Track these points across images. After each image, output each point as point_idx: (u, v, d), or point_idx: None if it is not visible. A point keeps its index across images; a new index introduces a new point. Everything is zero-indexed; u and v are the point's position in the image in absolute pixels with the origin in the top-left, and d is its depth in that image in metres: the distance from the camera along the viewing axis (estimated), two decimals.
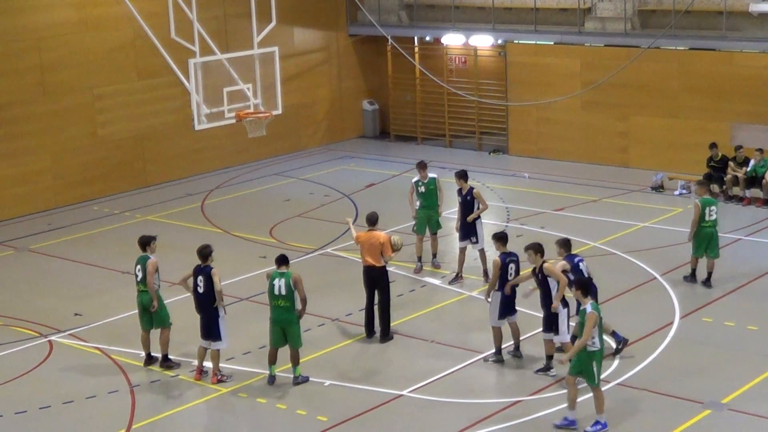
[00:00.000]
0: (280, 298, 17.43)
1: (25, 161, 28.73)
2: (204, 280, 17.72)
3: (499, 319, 18.01)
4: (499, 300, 17.93)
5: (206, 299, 17.76)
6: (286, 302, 17.42)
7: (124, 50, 30.32)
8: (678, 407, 16.46)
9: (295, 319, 17.51)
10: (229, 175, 32.15)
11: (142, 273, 18.52)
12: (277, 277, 17.49)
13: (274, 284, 17.46)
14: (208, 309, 17.77)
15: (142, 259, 18.66)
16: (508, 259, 18.05)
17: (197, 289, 17.84)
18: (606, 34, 31.56)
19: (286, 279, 17.39)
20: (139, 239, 18.92)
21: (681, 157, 29.72)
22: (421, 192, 22.64)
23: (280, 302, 17.45)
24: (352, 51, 36.29)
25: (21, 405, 17.42)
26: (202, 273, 17.80)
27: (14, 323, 21.03)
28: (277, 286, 17.42)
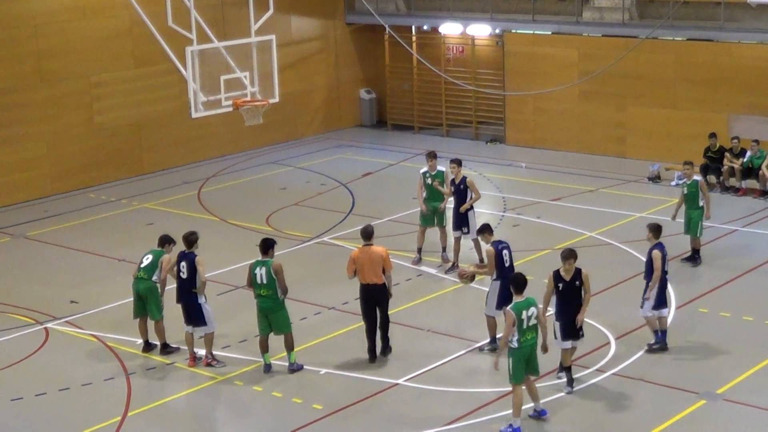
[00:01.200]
0: (262, 287, 17.43)
1: (21, 148, 28.70)
2: (187, 266, 17.75)
3: (497, 309, 18.00)
4: (498, 290, 17.91)
5: (187, 285, 17.81)
6: (268, 290, 17.42)
7: (121, 38, 30.28)
8: (673, 397, 16.49)
9: (278, 306, 17.50)
10: (226, 164, 32.13)
11: (150, 261, 18.41)
12: (259, 266, 17.44)
13: (255, 273, 17.42)
14: (189, 294, 17.83)
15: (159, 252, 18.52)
16: (501, 246, 18.00)
17: (180, 275, 17.86)
18: (604, 24, 31.54)
19: (267, 267, 17.36)
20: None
21: (678, 148, 29.70)
22: (428, 184, 22.48)
23: (262, 291, 17.46)
24: (350, 39, 36.25)
25: (17, 392, 17.44)
26: (185, 259, 17.82)
27: (10, 310, 21.02)
28: (259, 275, 17.40)
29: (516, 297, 15.54)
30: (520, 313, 15.31)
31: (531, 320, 15.42)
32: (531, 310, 15.42)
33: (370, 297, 17.70)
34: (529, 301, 15.50)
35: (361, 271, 17.57)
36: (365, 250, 17.65)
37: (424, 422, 16.00)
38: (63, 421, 16.43)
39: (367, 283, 17.61)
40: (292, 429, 15.89)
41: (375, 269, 17.54)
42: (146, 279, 18.40)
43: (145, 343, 18.73)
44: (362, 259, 17.54)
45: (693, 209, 22.12)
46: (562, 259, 16.65)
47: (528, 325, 15.37)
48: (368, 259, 17.52)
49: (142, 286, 18.45)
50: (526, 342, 15.37)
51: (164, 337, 18.57)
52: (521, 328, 15.30)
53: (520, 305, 15.40)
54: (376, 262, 17.52)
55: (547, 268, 21.68)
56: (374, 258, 17.53)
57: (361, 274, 17.59)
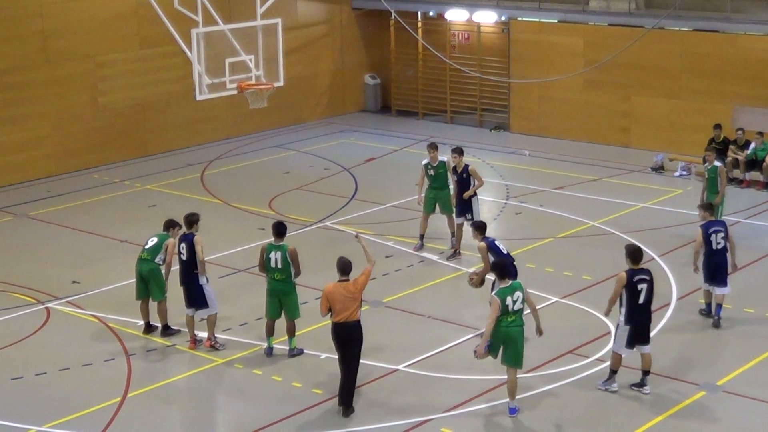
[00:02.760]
0: (276, 271, 17.35)
1: (25, 128, 28.69)
2: (187, 247, 17.71)
3: None
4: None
5: (188, 267, 17.80)
6: (282, 275, 17.37)
7: (126, 18, 30.24)
8: (673, 388, 16.50)
9: (292, 290, 17.51)
10: (230, 146, 32.12)
11: (155, 243, 18.40)
12: (273, 249, 17.36)
13: (270, 257, 17.34)
14: (190, 276, 17.82)
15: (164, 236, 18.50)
16: (490, 239, 17.99)
17: (180, 257, 17.85)
18: (610, 14, 31.48)
19: (282, 252, 17.29)
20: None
21: (682, 139, 29.70)
22: (430, 175, 22.45)
23: (276, 275, 17.39)
24: (355, 24, 36.20)
25: (17, 371, 17.46)
26: (185, 240, 17.80)
27: (12, 289, 21.05)
28: (273, 258, 17.32)
29: (501, 283, 15.58)
30: (504, 298, 15.35)
31: (516, 304, 15.41)
32: (516, 295, 15.41)
33: (345, 337, 15.69)
34: (513, 285, 15.49)
35: (335, 308, 15.59)
36: (341, 286, 15.61)
37: (423, 409, 16.01)
38: (63, 401, 16.45)
39: (342, 322, 15.60)
40: (292, 413, 15.92)
41: (350, 307, 15.59)
42: (149, 260, 18.40)
43: (146, 324, 18.76)
44: (337, 296, 15.53)
45: (712, 194, 22.09)
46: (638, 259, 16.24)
47: (513, 308, 15.39)
48: (342, 296, 15.54)
49: (145, 268, 18.45)
50: (505, 324, 15.38)
51: (165, 318, 18.60)
52: (505, 311, 15.38)
53: (505, 290, 15.42)
54: (353, 299, 15.61)
55: (548, 257, 21.83)
56: (353, 295, 15.61)
57: (334, 312, 15.61)
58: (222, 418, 16.18)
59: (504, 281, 15.56)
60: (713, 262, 18.54)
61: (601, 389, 16.36)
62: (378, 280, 21.08)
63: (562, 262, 21.76)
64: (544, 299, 19.61)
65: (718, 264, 18.58)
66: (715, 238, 18.46)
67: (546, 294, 19.89)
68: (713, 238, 18.46)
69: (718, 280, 18.63)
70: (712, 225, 18.62)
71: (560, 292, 20.15)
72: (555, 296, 19.99)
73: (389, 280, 21.13)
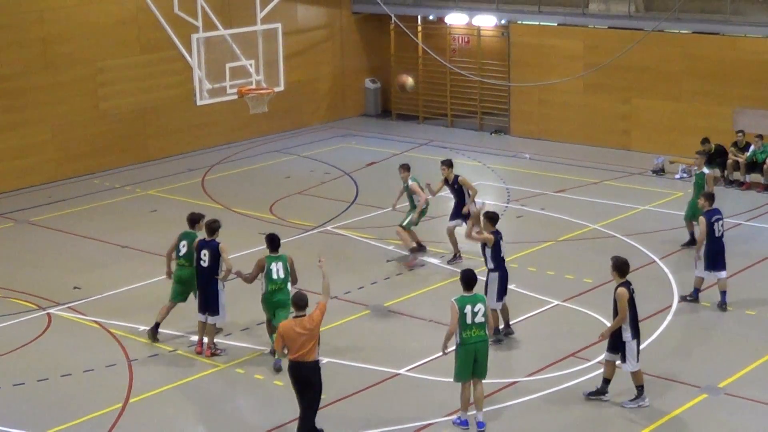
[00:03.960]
0: (278, 281, 17.36)
1: (26, 133, 28.71)
2: (209, 254, 17.72)
3: (497, 302, 18.02)
4: (496, 281, 17.94)
5: (208, 273, 17.80)
6: (284, 284, 17.42)
7: (127, 24, 30.27)
8: (675, 391, 16.50)
9: (288, 301, 17.17)
10: (230, 151, 32.13)
11: (187, 249, 18.31)
12: (274, 261, 17.38)
13: (271, 269, 17.32)
14: (209, 283, 17.84)
15: (188, 235, 18.41)
16: (499, 236, 18.08)
17: (200, 263, 17.82)
18: (610, 17, 31.50)
19: (283, 262, 17.37)
20: (189, 216, 18.58)
21: (682, 141, 29.68)
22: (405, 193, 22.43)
23: (280, 285, 17.37)
24: (355, 29, 36.23)
25: (19, 377, 17.46)
26: (207, 247, 17.78)
27: (13, 295, 21.05)
28: (275, 269, 17.33)
29: (464, 292, 15.31)
30: (463, 306, 15.07)
31: (477, 317, 15.08)
32: (477, 306, 15.11)
33: (301, 378, 14.73)
34: (476, 297, 15.24)
35: (290, 347, 14.66)
36: (296, 323, 14.63)
37: (425, 412, 16.01)
38: (64, 407, 16.44)
39: (298, 361, 14.65)
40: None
41: (306, 344, 14.58)
42: (189, 266, 18.27)
43: (156, 325, 18.65)
44: (291, 334, 14.56)
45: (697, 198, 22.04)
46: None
47: (473, 321, 15.07)
48: (298, 333, 14.55)
49: (186, 273, 18.34)
50: (470, 338, 15.10)
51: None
52: (465, 322, 15.05)
53: (465, 300, 15.16)
54: (308, 337, 14.59)
55: (550, 260, 21.82)
56: (306, 331, 14.58)
57: (290, 351, 14.68)
58: (224, 423, 16.16)
59: (468, 291, 15.29)
60: (714, 249, 19.26)
61: (634, 407, 15.94)
62: (379, 284, 21.12)
63: (563, 265, 21.76)
64: (545, 302, 19.63)
65: (719, 250, 19.33)
66: (716, 226, 19.22)
67: (547, 297, 19.90)
68: (715, 226, 19.22)
69: (719, 266, 19.29)
70: (713, 213, 19.34)
71: (561, 296, 20.15)
72: (556, 299, 19.99)
73: (390, 284, 21.14)
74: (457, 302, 15.12)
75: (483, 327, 15.21)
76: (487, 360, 15.37)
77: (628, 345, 15.80)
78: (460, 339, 15.12)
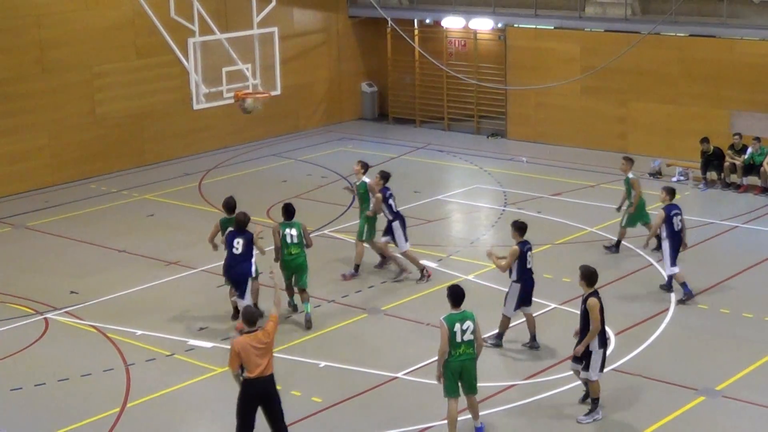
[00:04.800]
0: (293, 245, 19.12)
1: (22, 138, 28.69)
2: (243, 243, 18.77)
3: (513, 310, 17.99)
4: (517, 292, 17.82)
5: (241, 260, 18.75)
6: (298, 248, 19.14)
7: (123, 28, 30.26)
8: (672, 393, 16.50)
9: (306, 261, 19.22)
10: (227, 155, 32.13)
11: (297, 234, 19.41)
12: (288, 227, 19.19)
13: (285, 234, 19.11)
14: (241, 269, 18.79)
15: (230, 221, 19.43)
16: (526, 248, 17.98)
17: (233, 251, 18.80)
18: (606, 20, 31.52)
19: (297, 228, 19.17)
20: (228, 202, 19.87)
21: (679, 144, 29.72)
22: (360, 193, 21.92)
23: (293, 249, 19.13)
24: (352, 32, 36.24)
25: (16, 382, 17.45)
26: (242, 236, 18.86)
27: (10, 300, 21.03)
28: (289, 235, 19.14)
29: (452, 309, 14.83)
30: (452, 324, 14.66)
31: (466, 334, 14.68)
32: (466, 324, 14.70)
33: (263, 393, 14.45)
34: (465, 314, 14.78)
35: (248, 364, 14.27)
36: (251, 339, 14.31)
37: (422, 416, 16.00)
38: (62, 412, 16.43)
39: (256, 377, 14.30)
40: (291, 421, 15.87)
41: (263, 358, 14.33)
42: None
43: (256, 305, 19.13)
44: (249, 350, 14.22)
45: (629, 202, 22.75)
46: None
47: (462, 339, 14.67)
48: (255, 348, 14.26)
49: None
50: (457, 356, 14.69)
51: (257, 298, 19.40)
52: (454, 341, 14.65)
53: (454, 317, 14.74)
54: (265, 350, 14.36)
55: (547, 264, 21.81)
56: (262, 345, 14.33)
57: (248, 368, 14.28)
58: (222, 428, 16.14)
59: (456, 308, 14.83)
60: (676, 242, 19.84)
61: (588, 421, 15.67)
62: (377, 288, 21.11)
63: (560, 268, 21.74)
64: (543, 306, 19.62)
65: (679, 244, 19.91)
66: (675, 220, 19.80)
67: (545, 300, 19.89)
68: (674, 220, 19.80)
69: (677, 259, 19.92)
70: (673, 208, 19.90)
71: (559, 299, 20.15)
72: (554, 303, 19.99)
73: (388, 288, 21.13)
74: (446, 321, 14.69)
75: (471, 344, 14.78)
76: (473, 377, 14.91)
77: (594, 354, 15.49)
78: (447, 356, 14.73)
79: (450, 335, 14.65)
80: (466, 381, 14.91)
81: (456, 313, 14.79)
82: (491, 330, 18.30)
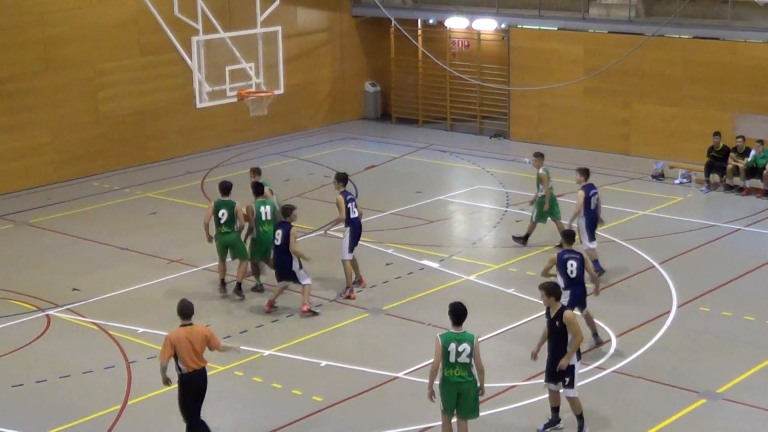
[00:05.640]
0: (266, 223, 20.23)
1: (25, 135, 28.71)
2: (282, 234, 19.43)
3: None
4: (568, 299, 17.41)
5: (281, 250, 19.48)
6: (270, 225, 20.12)
7: (126, 26, 30.27)
8: (673, 396, 16.50)
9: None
10: (230, 154, 32.13)
11: (227, 216, 20.37)
12: (262, 205, 20.31)
13: (261, 212, 20.26)
14: (283, 258, 19.49)
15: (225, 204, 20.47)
16: (565, 256, 17.63)
17: (275, 241, 19.56)
18: (610, 21, 31.51)
19: (271, 205, 20.32)
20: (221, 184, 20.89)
21: (682, 146, 29.71)
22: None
23: (265, 227, 20.23)
24: (355, 32, 36.24)
25: (17, 378, 17.46)
26: (281, 228, 19.49)
27: (12, 297, 21.05)
28: (264, 212, 20.30)
29: (452, 327, 14.14)
30: (447, 344, 13.96)
31: (461, 357, 13.97)
32: (463, 346, 13.97)
33: (198, 386, 14.67)
34: (464, 336, 14.04)
35: (183, 356, 14.45)
36: (185, 332, 14.49)
37: (423, 416, 15.99)
38: (63, 409, 16.44)
39: (193, 371, 14.54)
40: (292, 420, 15.92)
41: (197, 352, 14.53)
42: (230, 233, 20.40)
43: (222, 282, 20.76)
44: (183, 343, 14.39)
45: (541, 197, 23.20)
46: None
47: (456, 360, 13.98)
48: (188, 340, 14.42)
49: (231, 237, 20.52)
50: (452, 377, 14.06)
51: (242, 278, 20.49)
52: (448, 360, 13.98)
53: (450, 337, 14.02)
54: (199, 342, 14.51)
55: None
56: (196, 339, 14.48)
57: (183, 360, 14.48)
58: (222, 426, 16.14)
59: (456, 327, 14.10)
60: (592, 219, 21.10)
61: None
62: (378, 287, 21.11)
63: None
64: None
65: (595, 221, 21.18)
66: (593, 199, 21.05)
67: None
68: (592, 199, 21.02)
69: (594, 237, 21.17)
70: (590, 188, 21.12)
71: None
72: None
73: (389, 287, 21.13)
74: (441, 338, 14.02)
75: (467, 368, 14.07)
76: (471, 402, 14.26)
77: (575, 368, 15.10)
78: (443, 375, 14.12)
79: (443, 353, 13.98)
80: (463, 405, 14.26)
81: (455, 332, 14.09)
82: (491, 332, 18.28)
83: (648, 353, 17.96)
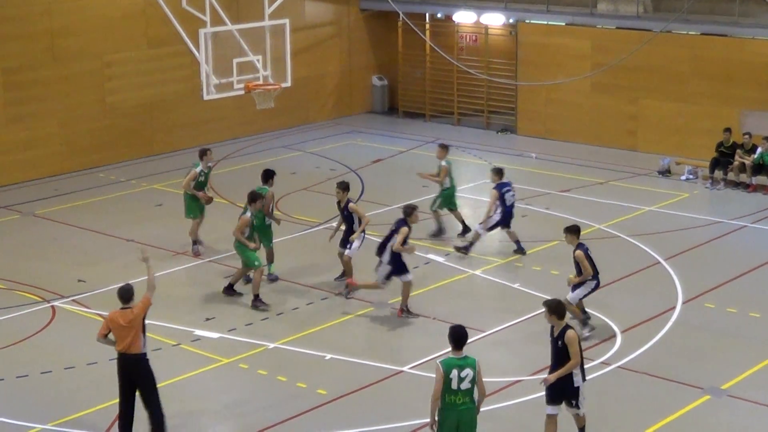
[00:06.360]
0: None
1: (33, 126, 28.74)
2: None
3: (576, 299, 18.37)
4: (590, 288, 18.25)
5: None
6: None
7: (134, 18, 30.28)
8: (677, 392, 16.49)
9: None
10: (236, 147, 32.14)
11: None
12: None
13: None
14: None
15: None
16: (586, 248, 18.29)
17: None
18: (618, 17, 31.47)
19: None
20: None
21: (689, 142, 29.68)
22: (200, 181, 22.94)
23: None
24: (363, 26, 36.22)
25: (22, 369, 17.49)
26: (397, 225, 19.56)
27: (18, 287, 21.07)
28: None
29: (453, 352, 13.28)
30: (449, 370, 13.07)
31: (464, 383, 13.11)
32: (465, 372, 13.10)
33: (128, 371, 14.88)
34: (467, 361, 13.18)
35: (115, 335, 14.81)
36: (119, 314, 14.78)
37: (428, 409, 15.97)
38: (68, 400, 16.47)
39: (123, 352, 14.79)
40: (296, 413, 15.93)
41: (131, 335, 14.70)
42: None
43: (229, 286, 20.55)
44: (114, 324, 14.74)
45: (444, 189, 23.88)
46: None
47: (458, 387, 13.11)
48: (120, 324, 14.70)
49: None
50: (453, 405, 13.16)
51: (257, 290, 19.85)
52: (449, 387, 13.09)
53: (452, 363, 13.13)
54: (128, 327, 14.69)
55: (554, 260, 21.81)
56: (126, 323, 14.69)
57: (118, 341, 14.81)
58: (227, 418, 16.17)
59: (457, 351, 13.25)
60: (508, 213, 22.37)
61: None
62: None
63: (567, 265, 21.64)
64: None
65: (511, 214, 22.46)
66: (507, 196, 22.24)
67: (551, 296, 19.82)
68: (506, 196, 22.23)
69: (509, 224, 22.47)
70: (504, 186, 22.33)
71: (565, 295, 20.09)
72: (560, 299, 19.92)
73: (395, 281, 21.10)
74: (442, 365, 13.08)
75: (470, 394, 13.20)
76: (473, 430, 13.41)
77: (581, 389, 14.35)
78: (443, 403, 13.18)
79: (445, 380, 13.07)
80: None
81: (456, 357, 13.21)
82: (496, 326, 18.30)
83: (653, 349, 17.95)
